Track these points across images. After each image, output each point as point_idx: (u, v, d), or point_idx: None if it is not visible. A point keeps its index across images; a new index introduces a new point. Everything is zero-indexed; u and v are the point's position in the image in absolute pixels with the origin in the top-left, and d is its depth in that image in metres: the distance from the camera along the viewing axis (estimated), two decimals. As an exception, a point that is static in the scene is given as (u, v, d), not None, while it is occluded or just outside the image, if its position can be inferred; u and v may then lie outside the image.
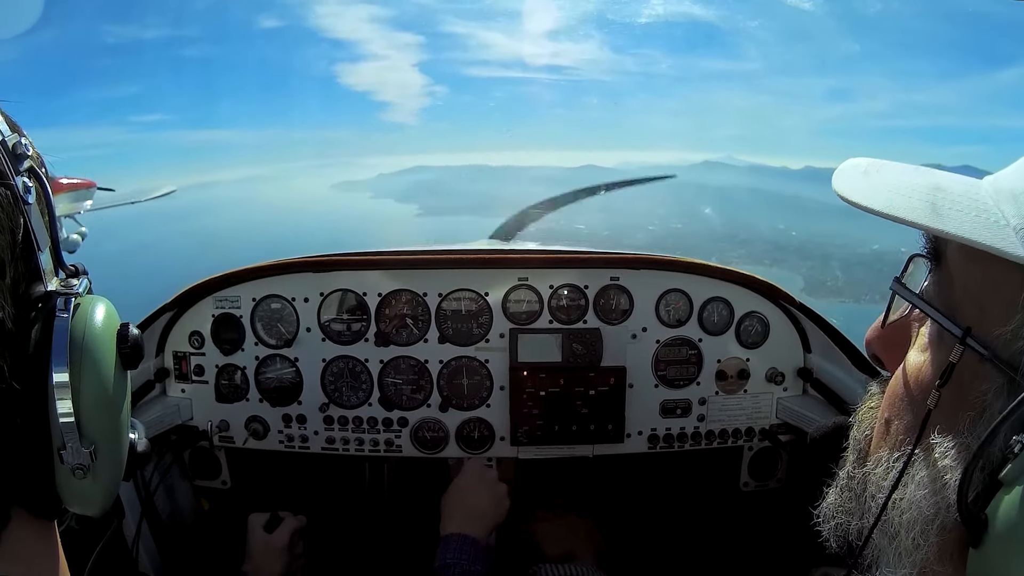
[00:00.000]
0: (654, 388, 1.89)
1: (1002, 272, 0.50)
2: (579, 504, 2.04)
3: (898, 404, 0.61)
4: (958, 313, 0.54)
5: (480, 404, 1.89)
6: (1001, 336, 0.49)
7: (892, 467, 0.59)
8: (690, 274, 1.87)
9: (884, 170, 0.63)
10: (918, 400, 0.58)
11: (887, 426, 0.63)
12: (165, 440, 1.82)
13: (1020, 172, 0.56)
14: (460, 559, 1.51)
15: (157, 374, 1.86)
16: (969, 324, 0.52)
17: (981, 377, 0.51)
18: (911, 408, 0.59)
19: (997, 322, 0.50)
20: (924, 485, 0.54)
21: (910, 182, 0.59)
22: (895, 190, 0.58)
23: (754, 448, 1.97)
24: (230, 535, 1.76)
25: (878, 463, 0.61)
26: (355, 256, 1.86)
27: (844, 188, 0.62)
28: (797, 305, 1.87)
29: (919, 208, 0.55)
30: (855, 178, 0.63)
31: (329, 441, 1.90)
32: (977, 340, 0.51)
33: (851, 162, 0.67)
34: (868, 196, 0.59)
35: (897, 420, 0.61)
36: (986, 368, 0.50)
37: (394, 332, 1.87)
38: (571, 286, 1.85)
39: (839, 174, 0.65)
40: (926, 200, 0.56)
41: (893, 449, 0.60)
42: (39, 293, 0.53)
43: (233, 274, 1.84)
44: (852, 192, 0.61)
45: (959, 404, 0.52)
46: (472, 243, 2.26)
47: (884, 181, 0.61)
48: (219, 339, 1.86)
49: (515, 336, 1.84)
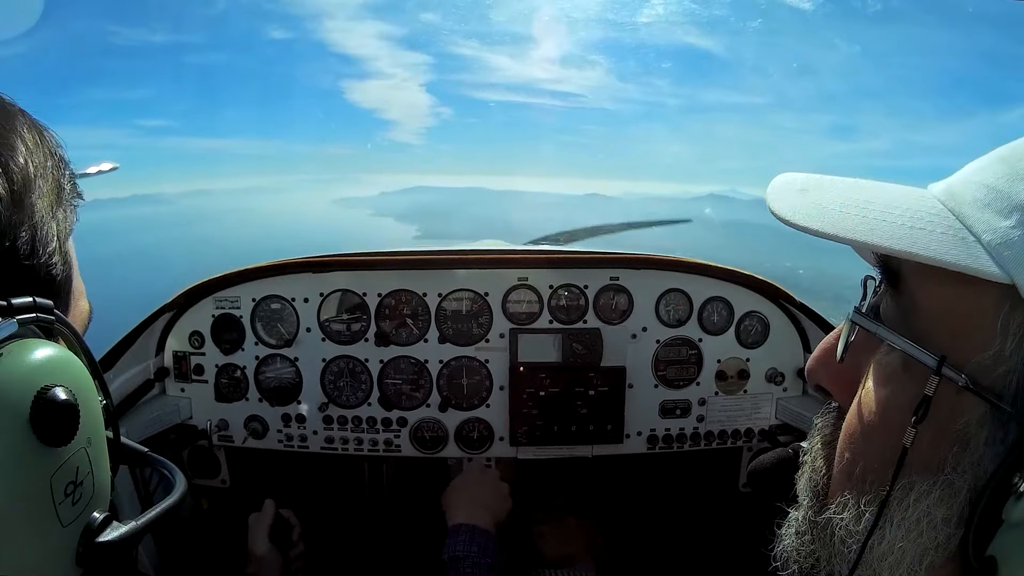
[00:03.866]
0: (654, 388, 1.89)
1: (975, 293, 0.46)
2: (578, 505, 2.04)
3: (862, 443, 0.55)
4: (927, 339, 0.49)
5: (480, 404, 1.89)
6: (980, 362, 0.46)
7: (864, 511, 0.53)
8: (690, 274, 1.87)
9: (824, 186, 0.58)
10: (888, 437, 0.51)
11: (850, 467, 0.56)
12: (164, 439, 1.82)
13: (975, 180, 0.51)
14: (470, 552, 1.49)
15: (157, 373, 1.86)
16: (942, 352, 0.47)
17: (961, 408, 0.47)
18: (880, 446, 0.52)
19: (974, 347, 0.46)
20: (907, 527, 0.49)
21: (858, 199, 0.54)
22: (843, 209, 0.53)
23: (754, 449, 1.97)
24: (230, 534, 1.76)
25: (844, 507, 0.55)
26: (355, 256, 1.86)
27: (783, 209, 0.56)
28: (797, 305, 1.86)
29: (876, 228, 0.50)
30: (793, 197, 0.58)
31: (328, 441, 1.90)
32: (953, 369, 0.46)
33: (783, 178, 0.61)
34: (813, 217, 0.54)
35: (863, 460, 0.54)
36: (966, 398, 0.46)
37: (394, 332, 1.87)
38: (571, 286, 1.85)
39: (774, 193, 0.59)
40: (880, 219, 0.51)
41: (862, 492, 0.54)
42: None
43: (233, 274, 1.84)
44: (794, 213, 0.55)
45: (939, 439, 0.48)
46: (472, 243, 2.26)
47: (828, 199, 0.55)
48: (219, 339, 1.86)
49: (515, 336, 1.84)
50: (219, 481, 1.99)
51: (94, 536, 0.52)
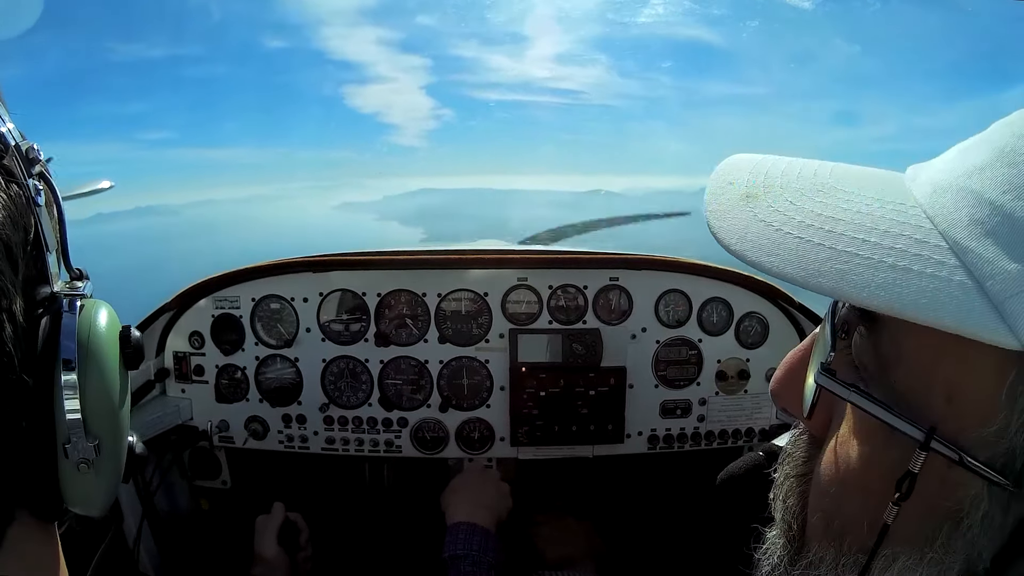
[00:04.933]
0: (654, 388, 1.89)
1: (976, 352, 0.36)
2: (578, 505, 2.03)
3: (839, 500, 0.47)
4: (912, 398, 0.40)
5: (480, 404, 1.89)
6: (980, 436, 0.37)
7: (842, 574, 0.46)
8: (689, 274, 1.87)
9: (774, 186, 0.46)
10: (867, 502, 0.44)
11: (827, 520, 0.48)
12: (165, 440, 1.83)
13: (972, 187, 0.39)
14: (470, 550, 1.48)
15: (157, 374, 1.87)
16: (933, 416, 0.39)
17: (953, 483, 0.39)
18: (859, 509, 0.45)
19: (971, 415, 0.38)
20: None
21: (821, 211, 0.43)
22: (801, 232, 0.42)
23: (754, 449, 1.97)
24: (230, 535, 1.76)
25: (821, 562, 0.48)
26: (354, 256, 1.87)
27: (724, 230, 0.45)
28: (796, 305, 1.86)
29: (848, 270, 0.39)
30: (737, 209, 0.46)
31: (329, 441, 1.90)
32: (945, 443, 0.38)
33: (721, 177, 0.49)
34: (763, 246, 0.42)
35: (840, 519, 0.47)
36: (958, 472, 0.38)
37: (394, 332, 1.87)
38: (570, 286, 1.85)
39: (714, 202, 0.47)
40: (853, 251, 0.40)
41: (840, 552, 0.47)
42: (46, 294, 0.54)
43: (232, 274, 1.84)
44: (740, 239, 0.43)
45: (927, 515, 0.41)
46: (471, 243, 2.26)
47: (781, 215, 0.43)
48: (219, 339, 1.87)
49: (515, 336, 1.84)
50: (220, 482, 1.99)
51: (133, 450, 0.64)
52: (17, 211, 0.51)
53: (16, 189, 0.52)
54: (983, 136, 0.41)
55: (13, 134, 0.53)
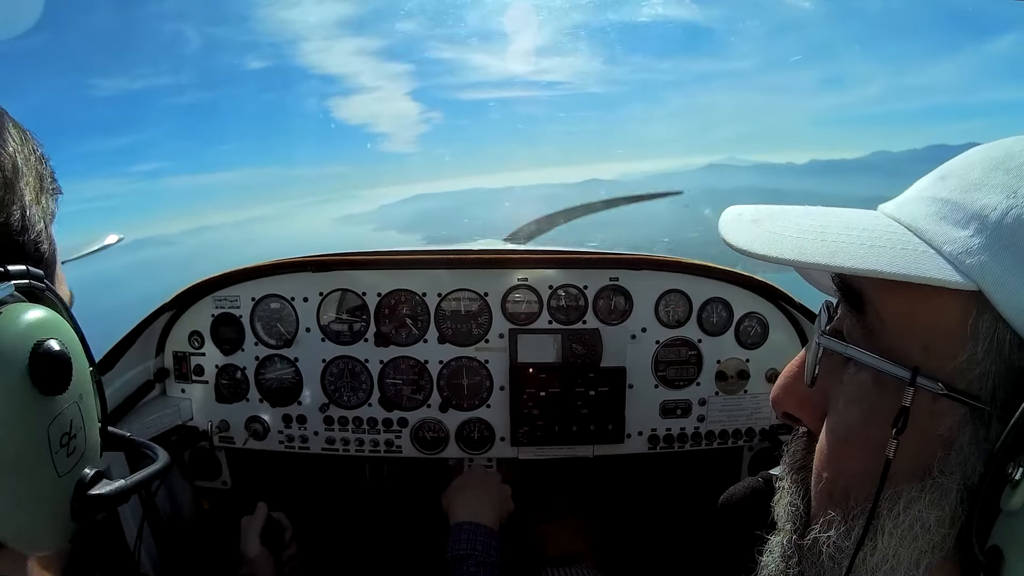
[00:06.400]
0: (654, 388, 1.89)
1: (942, 303, 0.48)
2: (579, 505, 2.04)
3: (841, 461, 0.56)
4: (897, 353, 0.51)
5: (480, 404, 1.89)
6: (954, 367, 0.47)
7: (853, 525, 0.53)
8: (689, 275, 1.87)
9: (775, 215, 0.59)
10: (867, 453, 0.52)
11: (830, 486, 0.56)
12: (165, 440, 1.82)
13: (924, 196, 0.54)
14: (474, 549, 1.48)
15: (157, 374, 1.87)
16: (914, 362, 0.49)
17: (940, 413, 0.48)
18: (860, 463, 0.53)
19: (946, 355, 0.48)
20: (900, 535, 0.50)
21: (813, 225, 0.56)
22: (799, 235, 0.55)
23: (754, 448, 1.97)
24: (230, 535, 1.76)
25: (830, 526, 0.55)
26: (354, 256, 1.87)
27: (740, 240, 0.57)
28: (796, 305, 1.87)
29: (837, 251, 0.52)
30: (746, 228, 0.59)
31: (329, 442, 1.90)
32: (928, 377, 0.48)
33: (732, 212, 0.63)
34: (772, 245, 0.55)
35: (843, 479, 0.55)
36: (943, 403, 0.48)
37: (394, 332, 1.87)
38: (570, 286, 1.85)
39: (726, 227, 0.60)
40: (839, 240, 0.53)
41: (848, 508, 0.54)
42: None
43: (232, 274, 1.84)
44: (751, 243, 0.56)
45: (921, 447, 0.49)
46: (472, 243, 2.26)
47: (781, 227, 0.57)
48: (219, 339, 1.87)
49: (515, 336, 1.84)
50: (220, 482, 1.99)
51: (86, 489, 0.55)
52: None
53: None
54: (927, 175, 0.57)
55: None
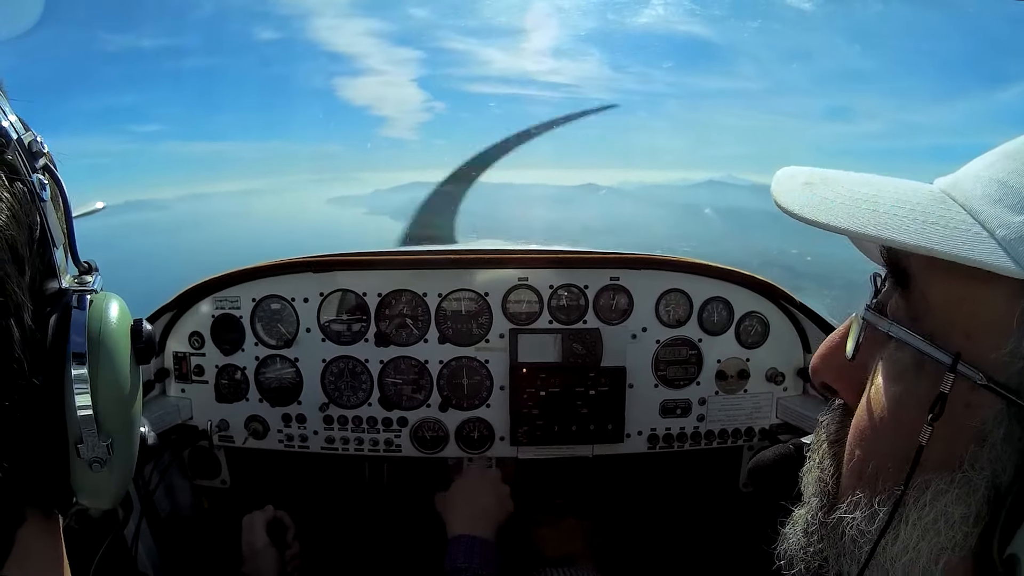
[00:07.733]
0: (654, 388, 1.90)
1: (989, 289, 0.46)
2: (579, 505, 2.04)
3: (874, 441, 0.54)
4: (939, 337, 0.49)
5: (480, 404, 1.89)
6: (996, 359, 0.45)
7: (878, 511, 0.52)
8: (689, 274, 1.87)
9: (829, 180, 0.57)
10: (901, 435, 0.51)
11: (862, 465, 0.55)
12: (165, 439, 1.82)
13: (983, 175, 0.51)
14: (471, 564, 1.49)
15: (157, 374, 1.86)
16: (956, 349, 0.47)
17: (976, 405, 0.46)
18: (892, 444, 0.52)
19: (989, 344, 0.45)
20: (923, 527, 0.49)
21: (866, 194, 0.53)
22: (851, 203, 0.53)
23: (754, 448, 1.98)
24: (230, 534, 1.76)
25: (856, 507, 0.54)
26: (354, 256, 1.86)
27: (790, 203, 0.55)
28: (797, 305, 1.87)
29: (887, 223, 0.50)
30: (799, 191, 0.57)
31: (329, 441, 1.90)
32: (969, 366, 0.46)
33: (787, 172, 0.60)
34: (822, 211, 0.53)
35: (875, 459, 0.54)
36: (981, 394, 0.46)
37: (394, 332, 1.86)
38: (571, 286, 1.85)
39: (779, 187, 0.58)
40: (891, 213, 0.50)
41: (875, 491, 0.53)
42: (53, 289, 0.53)
43: (232, 274, 1.84)
44: (802, 207, 0.54)
45: (955, 437, 0.47)
46: (471, 243, 2.26)
47: (834, 193, 0.55)
48: (219, 339, 1.86)
49: (515, 336, 1.84)
50: (219, 482, 1.99)
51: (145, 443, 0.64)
52: (21, 208, 0.50)
53: (20, 186, 0.50)
54: (991, 151, 0.53)
55: (16, 127, 0.51)
